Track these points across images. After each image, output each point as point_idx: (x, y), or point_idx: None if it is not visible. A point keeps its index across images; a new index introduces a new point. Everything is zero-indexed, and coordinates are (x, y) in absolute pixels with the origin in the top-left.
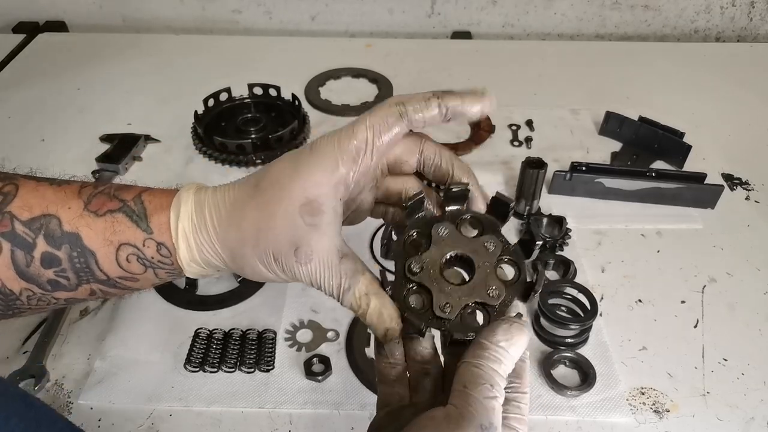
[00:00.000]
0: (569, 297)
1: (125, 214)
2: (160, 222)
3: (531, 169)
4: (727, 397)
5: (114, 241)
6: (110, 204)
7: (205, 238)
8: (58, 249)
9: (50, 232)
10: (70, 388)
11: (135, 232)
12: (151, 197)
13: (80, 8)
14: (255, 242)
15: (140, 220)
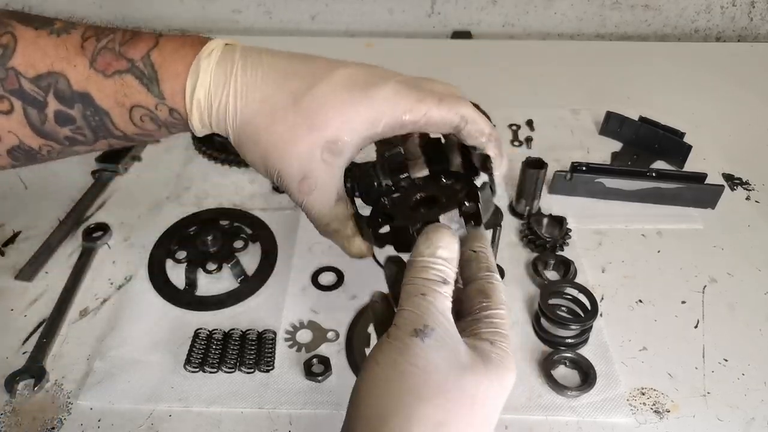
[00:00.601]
0: (569, 297)
1: (134, 76)
2: (173, 89)
3: (531, 169)
4: (727, 398)
5: (126, 103)
6: (117, 63)
7: (221, 120)
8: (71, 108)
9: (59, 91)
10: (70, 388)
11: (146, 96)
12: (161, 59)
13: (80, 8)
14: (266, 156)
15: (151, 83)
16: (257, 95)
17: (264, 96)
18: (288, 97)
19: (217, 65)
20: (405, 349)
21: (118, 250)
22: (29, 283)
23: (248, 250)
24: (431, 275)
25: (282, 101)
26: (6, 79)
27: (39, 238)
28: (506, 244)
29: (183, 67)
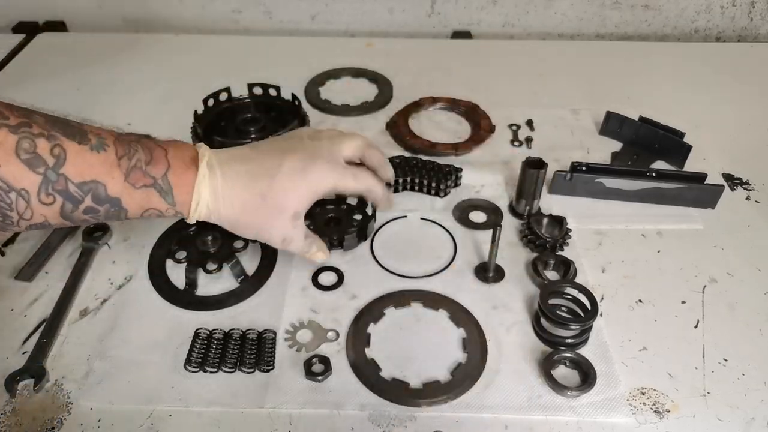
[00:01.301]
0: (569, 297)
1: (156, 190)
2: (182, 201)
3: (531, 169)
4: (727, 398)
5: (144, 206)
6: (144, 180)
7: (216, 217)
8: (100, 206)
9: (97, 195)
10: (70, 388)
11: (162, 203)
12: (175, 178)
13: (80, 8)
14: (255, 235)
15: (167, 195)
16: (237, 202)
17: (242, 201)
18: (257, 198)
19: (210, 181)
20: None
21: (118, 250)
22: (29, 283)
23: (248, 250)
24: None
25: (254, 202)
26: (57, 182)
27: (39, 238)
28: (506, 244)
29: (188, 188)
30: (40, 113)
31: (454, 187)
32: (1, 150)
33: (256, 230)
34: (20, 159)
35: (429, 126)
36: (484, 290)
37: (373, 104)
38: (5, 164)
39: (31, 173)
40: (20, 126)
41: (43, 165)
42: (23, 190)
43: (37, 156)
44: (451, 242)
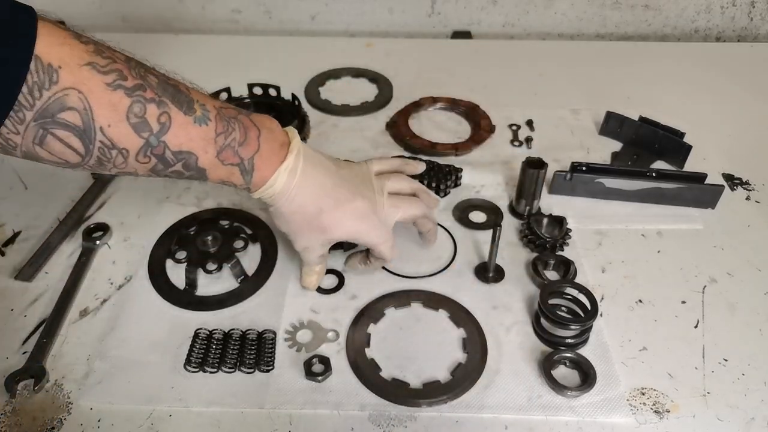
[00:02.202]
0: (569, 297)
1: (240, 169)
2: (257, 182)
3: (531, 169)
4: (727, 398)
5: (225, 179)
6: (233, 159)
7: (272, 204)
8: (188, 171)
9: (188, 163)
10: (70, 388)
11: (240, 180)
12: (260, 162)
13: (80, 8)
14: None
15: (247, 175)
16: (298, 202)
17: (302, 205)
18: (316, 210)
19: (288, 174)
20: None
21: (118, 250)
22: (29, 283)
23: (248, 250)
24: None
25: (312, 212)
26: (156, 147)
27: (39, 238)
28: (506, 244)
29: (269, 173)
30: (155, 72)
31: (454, 187)
32: (114, 112)
33: (293, 231)
34: (129, 122)
35: (429, 126)
36: (484, 290)
37: (373, 104)
38: (114, 125)
39: (136, 137)
40: (135, 89)
41: (148, 130)
42: (124, 149)
43: (144, 121)
44: (451, 242)
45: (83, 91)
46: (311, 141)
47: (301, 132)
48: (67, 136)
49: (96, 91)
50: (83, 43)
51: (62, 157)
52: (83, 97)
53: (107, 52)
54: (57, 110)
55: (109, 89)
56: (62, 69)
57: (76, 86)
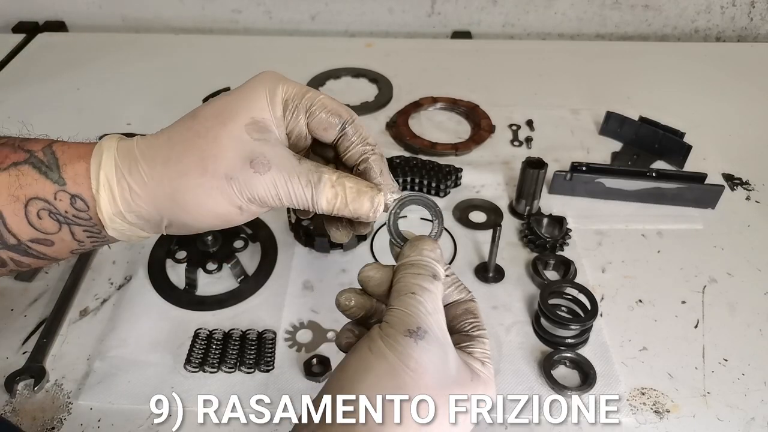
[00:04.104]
0: (569, 297)
1: (32, 165)
2: (75, 172)
3: (531, 169)
4: (727, 398)
5: (20, 196)
6: (15, 156)
7: (136, 181)
8: None
9: None
10: (70, 388)
11: (44, 184)
12: (63, 147)
13: (80, 8)
14: (202, 170)
15: (50, 170)
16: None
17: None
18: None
19: (120, 140)
20: (398, 348)
21: (118, 250)
22: (29, 283)
23: (248, 250)
24: (420, 272)
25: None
26: None
27: None
28: (506, 244)
29: (85, 150)
30: None
31: (454, 187)
32: None
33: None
34: None
35: (429, 126)
36: (484, 290)
37: (373, 104)
38: None
39: None
40: None
41: None
42: None
43: None
44: (451, 242)
45: None
46: None
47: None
48: None
49: None
50: None
51: None
52: None
53: None
54: None
55: None
56: None
57: None
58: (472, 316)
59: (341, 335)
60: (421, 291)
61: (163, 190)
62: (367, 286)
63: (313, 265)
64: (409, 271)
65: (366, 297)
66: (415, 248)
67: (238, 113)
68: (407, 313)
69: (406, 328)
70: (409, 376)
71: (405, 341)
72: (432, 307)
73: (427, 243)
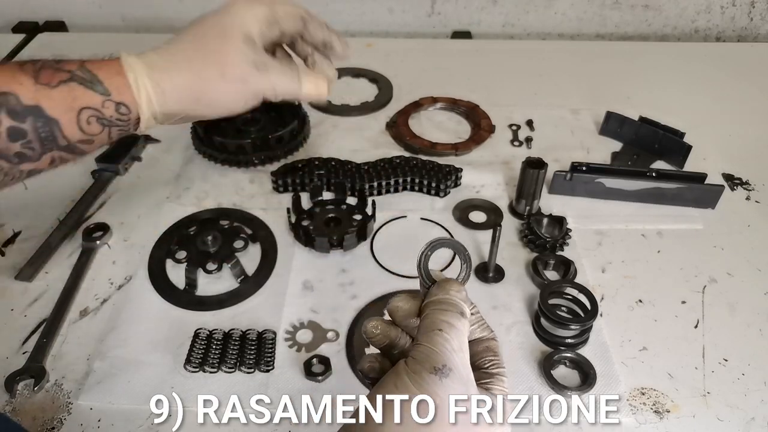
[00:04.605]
0: (569, 297)
1: (77, 82)
2: (117, 84)
3: (531, 169)
4: (727, 398)
5: (74, 106)
6: (59, 75)
7: (169, 88)
8: (23, 122)
9: (11, 108)
10: (70, 388)
11: (92, 95)
12: (94, 66)
13: (80, 8)
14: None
15: (94, 84)
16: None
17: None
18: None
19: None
20: (423, 385)
21: (118, 250)
22: (29, 283)
23: (248, 250)
24: (448, 309)
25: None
26: None
27: (39, 238)
28: (506, 244)
29: (116, 67)
30: None
31: (454, 187)
32: None
33: (220, 72)
34: None
35: (429, 126)
36: (484, 290)
37: (373, 104)
38: None
39: None
40: None
41: None
42: None
43: None
44: None
45: None
46: (311, 141)
47: (301, 132)
48: None
49: None
50: None
51: None
52: None
53: None
54: None
55: None
56: None
57: None
58: (492, 354)
59: (364, 361)
60: (449, 328)
61: (191, 92)
62: (395, 316)
63: (313, 265)
64: (437, 307)
65: (392, 326)
66: (443, 288)
67: (235, 31)
68: (434, 350)
69: (432, 365)
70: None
71: (430, 379)
72: (458, 345)
73: (455, 285)
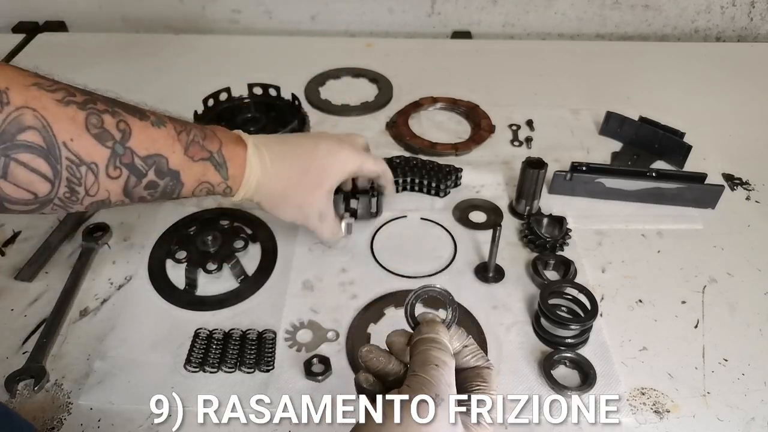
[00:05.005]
0: (569, 297)
1: (212, 164)
2: (235, 175)
3: (531, 169)
4: (727, 398)
5: (200, 179)
6: (202, 153)
7: (263, 192)
8: (161, 179)
9: (160, 168)
10: (70, 388)
11: (216, 176)
12: (228, 153)
13: (80, 8)
14: (298, 208)
15: (221, 168)
16: (283, 176)
17: (287, 176)
18: (300, 173)
19: (259, 157)
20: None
21: (118, 250)
22: (29, 283)
23: (248, 250)
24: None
25: (297, 177)
26: (124, 155)
27: (39, 238)
28: (506, 244)
29: (241, 161)
30: (98, 94)
31: (454, 187)
32: (73, 125)
33: (299, 204)
34: (90, 133)
35: (429, 126)
36: (484, 290)
37: (373, 104)
38: (77, 139)
39: (101, 147)
40: (86, 103)
41: (111, 139)
42: (93, 163)
43: (105, 131)
44: (451, 242)
45: (37, 108)
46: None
47: (301, 131)
48: (32, 159)
49: (50, 107)
50: (24, 70)
51: (30, 187)
52: (38, 115)
53: (48, 78)
54: (15, 132)
55: (62, 105)
56: (10, 90)
57: (29, 104)
58: (481, 379)
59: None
60: (443, 365)
61: (272, 203)
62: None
63: (313, 265)
64: (431, 345)
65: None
66: (433, 329)
67: (327, 181)
68: (430, 381)
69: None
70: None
71: None
72: (450, 381)
73: (441, 326)
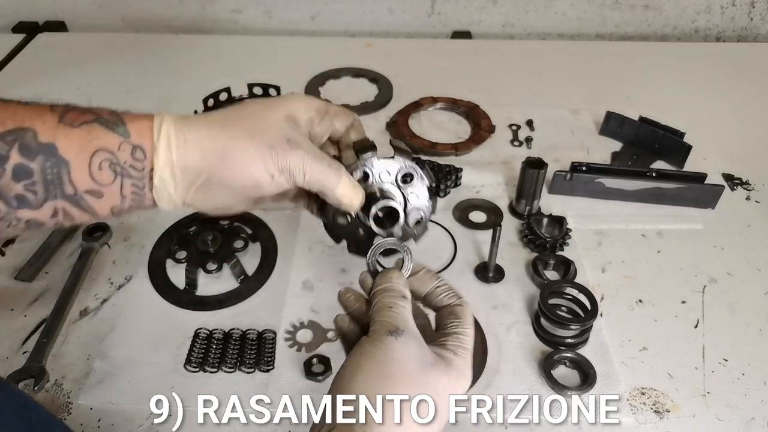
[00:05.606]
0: (569, 297)
1: (100, 123)
2: (139, 127)
3: (531, 169)
4: (727, 398)
5: (89, 147)
6: (85, 116)
7: (192, 136)
8: (32, 160)
9: (25, 144)
10: (70, 388)
11: (111, 137)
12: (125, 114)
13: (80, 8)
14: (251, 137)
15: (116, 126)
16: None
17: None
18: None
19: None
20: (383, 345)
21: (118, 250)
22: (29, 283)
23: (248, 250)
24: (392, 294)
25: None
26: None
27: (39, 238)
28: (506, 244)
29: (145, 122)
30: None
31: (454, 187)
32: None
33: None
34: None
35: (429, 126)
36: (484, 290)
37: (373, 104)
38: None
39: None
40: None
41: None
42: None
43: None
44: (451, 242)
45: None
46: None
47: None
48: None
49: None
50: None
51: None
52: None
53: None
54: None
55: None
56: None
57: None
58: (455, 317)
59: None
60: (395, 306)
61: (214, 146)
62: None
63: (313, 265)
64: (384, 293)
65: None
66: (386, 278)
67: (279, 108)
68: (386, 321)
69: (388, 330)
70: (395, 366)
71: (388, 339)
72: (405, 316)
73: (395, 272)
